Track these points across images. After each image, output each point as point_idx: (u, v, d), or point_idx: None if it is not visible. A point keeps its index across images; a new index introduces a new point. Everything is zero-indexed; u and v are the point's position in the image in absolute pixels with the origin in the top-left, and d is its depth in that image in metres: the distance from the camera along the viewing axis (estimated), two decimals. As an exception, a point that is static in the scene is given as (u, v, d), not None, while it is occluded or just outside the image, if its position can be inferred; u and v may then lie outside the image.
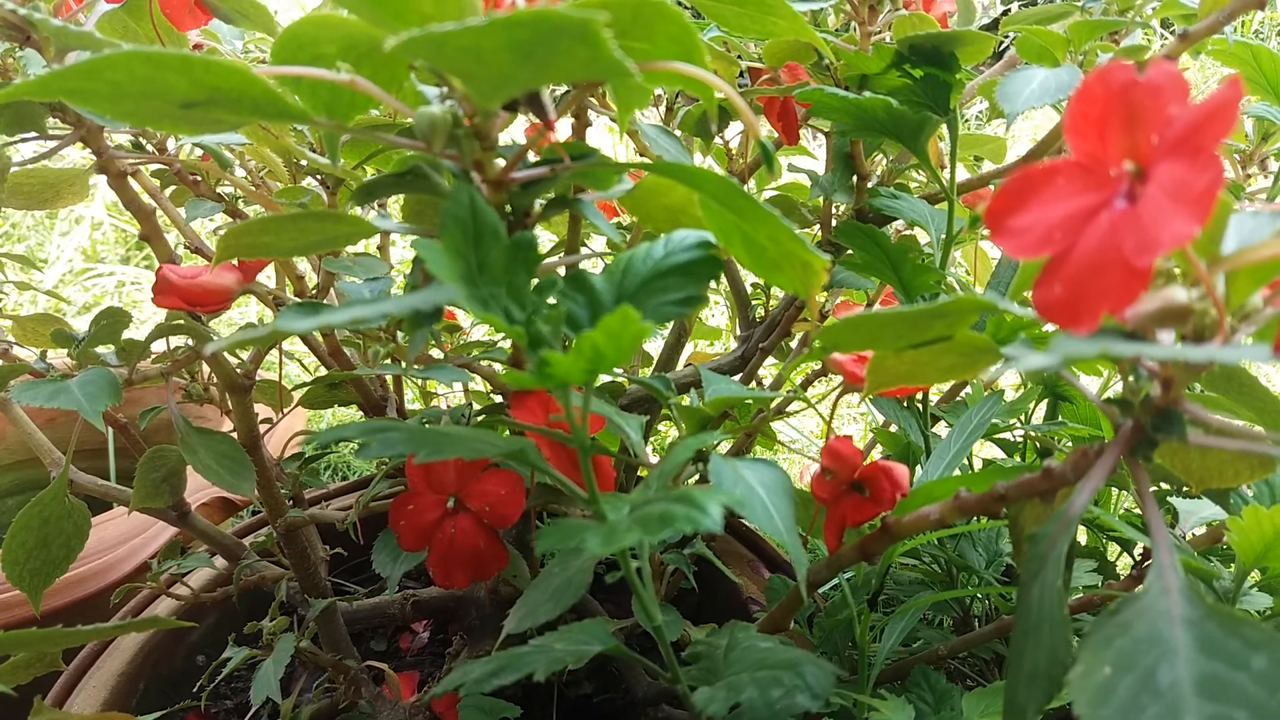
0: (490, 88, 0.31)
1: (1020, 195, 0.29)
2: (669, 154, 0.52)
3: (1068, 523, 0.34)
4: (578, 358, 0.32)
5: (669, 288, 0.39)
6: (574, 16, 0.26)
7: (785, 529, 0.43)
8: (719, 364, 0.81)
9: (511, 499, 0.50)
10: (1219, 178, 0.25)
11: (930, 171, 0.61)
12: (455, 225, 0.34)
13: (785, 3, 0.50)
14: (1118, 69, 0.28)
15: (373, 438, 0.37)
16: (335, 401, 0.80)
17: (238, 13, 0.50)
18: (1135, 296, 0.26)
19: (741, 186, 0.36)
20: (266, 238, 0.42)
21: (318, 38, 0.37)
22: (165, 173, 0.67)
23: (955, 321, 0.38)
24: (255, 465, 0.64)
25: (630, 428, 0.51)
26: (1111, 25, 0.58)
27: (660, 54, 0.35)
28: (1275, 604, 0.54)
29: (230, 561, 0.77)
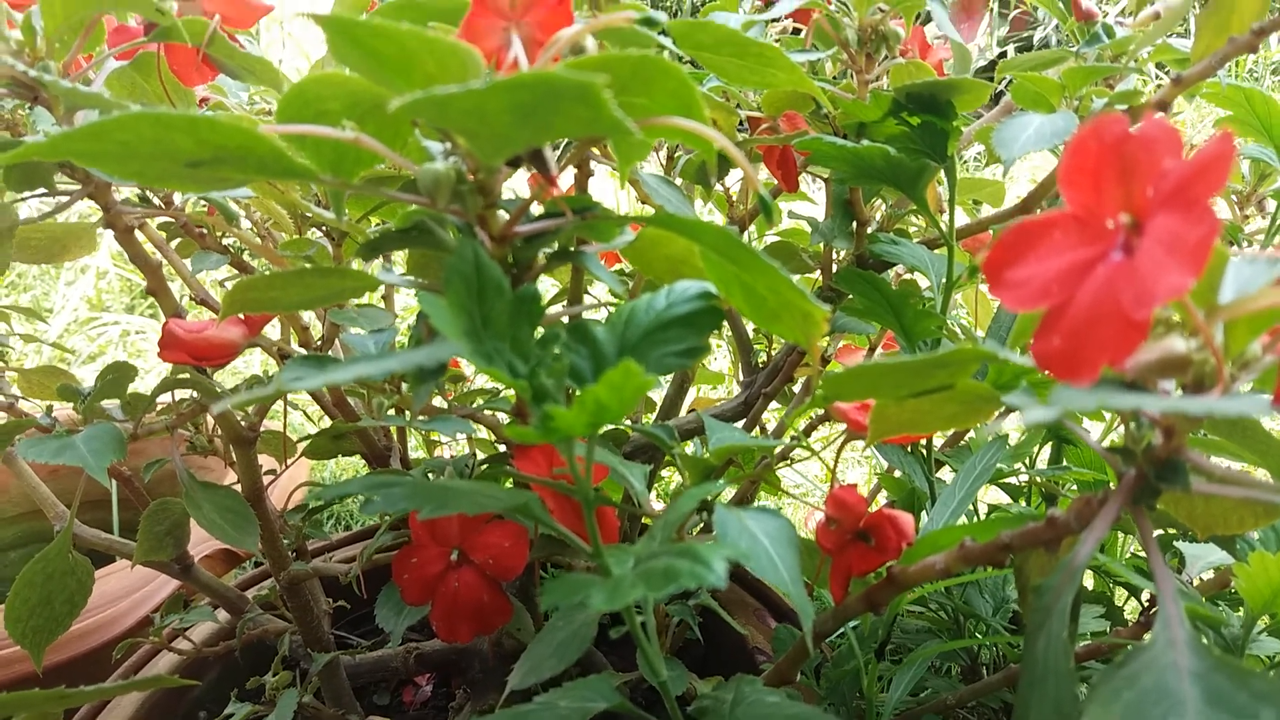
0: (493, 146, 0.31)
1: (1018, 247, 0.29)
2: (670, 204, 0.53)
3: (1072, 574, 0.34)
4: (581, 411, 0.32)
5: (671, 339, 0.39)
6: (575, 79, 0.26)
7: (791, 580, 0.42)
8: (722, 410, 0.81)
9: (515, 551, 0.50)
10: (1214, 231, 0.25)
11: (929, 217, 0.61)
12: (460, 280, 0.35)
13: (784, 54, 0.51)
14: (1111, 123, 0.28)
15: (376, 493, 0.37)
16: (339, 452, 0.80)
17: (245, 69, 0.51)
18: (1134, 348, 0.26)
19: (741, 237, 0.37)
20: (273, 293, 0.42)
21: (323, 95, 0.37)
22: (171, 225, 0.68)
23: (957, 371, 0.38)
24: (259, 518, 0.64)
25: (634, 477, 0.51)
26: (1105, 71, 0.58)
27: (660, 109, 0.36)
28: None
29: (233, 615, 0.77)
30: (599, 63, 0.34)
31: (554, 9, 0.40)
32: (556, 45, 0.37)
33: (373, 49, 0.32)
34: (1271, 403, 0.27)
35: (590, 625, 0.46)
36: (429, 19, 0.49)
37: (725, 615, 0.62)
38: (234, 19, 0.51)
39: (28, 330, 1.83)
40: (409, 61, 0.32)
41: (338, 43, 0.32)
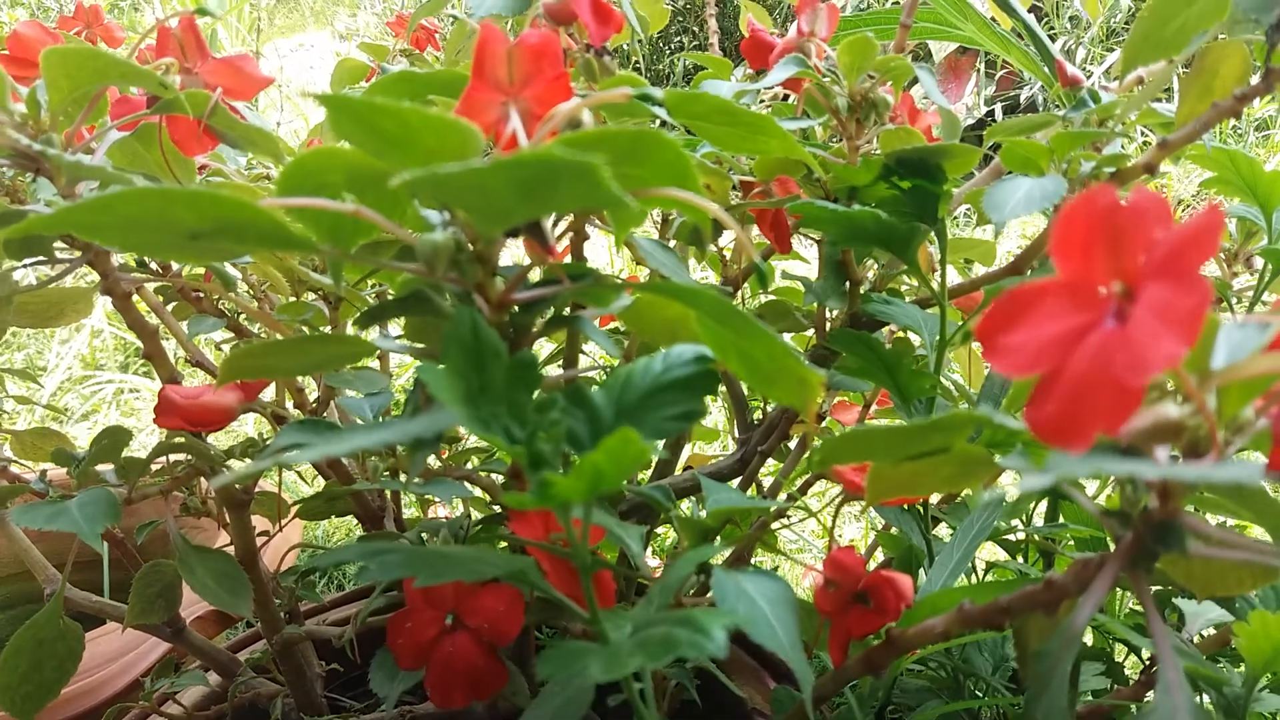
0: (492, 220, 0.32)
1: (1011, 313, 0.30)
2: (665, 267, 0.53)
3: (1070, 640, 0.34)
4: (579, 479, 0.32)
5: (668, 403, 0.40)
6: (575, 160, 0.27)
7: (790, 645, 0.42)
8: (718, 468, 0.81)
9: (511, 615, 0.50)
10: (1206, 300, 0.26)
11: (921, 279, 0.62)
12: (457, 347, 0.35)
13: (774, 122, 0.52)
14: (1101, 193, 0.29)
15: (372, 561, 0.37)
16: (333, 513, 0.79)
17: (245, 139, 0.52)
18: (1128, 416, 0.27)
19: (734, 301, 0.37)
20: (269, 360, 0.42)
21: (323, 167, 0.38)
22: (168, 288, 0.68)
23: (952, 434, 0.38)
24: (252, 581, 0.64)
25: (631, 539, 0.51)
26: (1092, 136, 0.60)
27: (656, 180, 0.37)
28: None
29: (225, 678, 0.76)
30: (597, 137, 0.34)
31: (552, 84, 0.41)
32: (554, 120, 0.38)
33: (374, 125, 0.33)
34: (1266, 468, 0.27)
35: (587, 691, 0.46)
36: (427, 93, 0.50)
37: (724, 678, 0.62)
38: (235, 91, 0.52)
39: (21, 391, 1.83)
40: (410, 138, 0.33)
41: (339, 120, 0.33)
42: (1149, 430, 0.29)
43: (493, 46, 0.40)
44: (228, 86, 0.51)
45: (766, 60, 0.70)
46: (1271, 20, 0.51)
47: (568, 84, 0.40)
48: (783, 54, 0.65)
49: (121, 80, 0.45)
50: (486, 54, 0.40)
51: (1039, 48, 0.80)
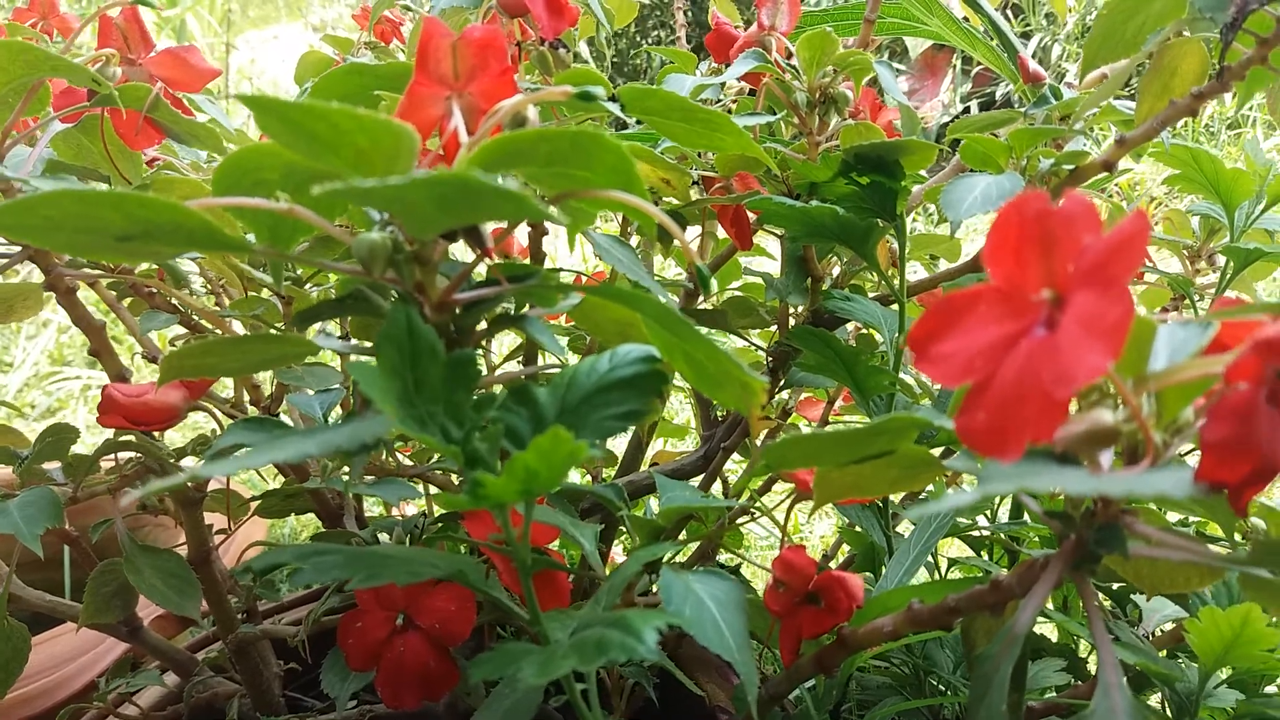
0: (420, 226, 0.31)
1: (943, 321, 0.29)
2: (621, 264, 0.53)
3: (1012, 642, 0.34)
4: (511, 479, 0.31)
5: (613, 402, 0.39)
6: (490, 185, 0.27)
7: (737, 647, 0.42)
8: (681, 465, 0.81)
9: (462, 616, 0.49)
10: (1130, 311, 0.25)
11: (880, 275, 0.62)
12: (391, 345, 0.34)
13: (729, 119, 0.51)
14: (1033, 199, 0.28)
15: (307, 562, 0.36)
16: (292, 510, 0.79)
17: (189, 134, 0.51)
18: (1056, 427, 0.26)
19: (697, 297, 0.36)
20: (210, 359, 0.42)
21: (259, 165, 0.37)
22: (122, 284, 0.67)
23: (895, 437, 0.38)
24: (206, 580, 0.63)
25: (585, 538, 0.51)
26: (1051, 134, 0.59)
27: (599, 181, 0.36)
28: (1239, 705, 0.53)
29: (182, 678, 0.75)
30: (535, 137, 0.34)
31: (497, 79, 0.40)
32: (497, 116, 0.37)
33: (303, 127, 0.32)
34: (1194, 477, 0.27)
35: (536, 691, 0.45)
36: (377, 86, 0.50)
37: (681, 676, 0.61)
38: (179, 83, 0.51)
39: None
40: (340, 139, 0.32)
41: (268, 121, 0.32)
42: (1083, 436, 0.29)
43: (436, 40, 0.39)
44: (172, 78, 0.50)
45: (730, 54, 0.70)
46: (1226, 19, 0.51)
47: (513, 80, 0.40)
48: (743, 48, 0.65)
49: (53, 73, 0.44)
50: (430, 48, 0.39)
51: (1004, 43, 0.80)
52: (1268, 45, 0.54)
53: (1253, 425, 0.26)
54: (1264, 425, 0.26)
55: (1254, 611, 0.48)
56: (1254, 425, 0.26)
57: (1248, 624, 0.49)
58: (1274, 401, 0.27)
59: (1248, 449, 0.26)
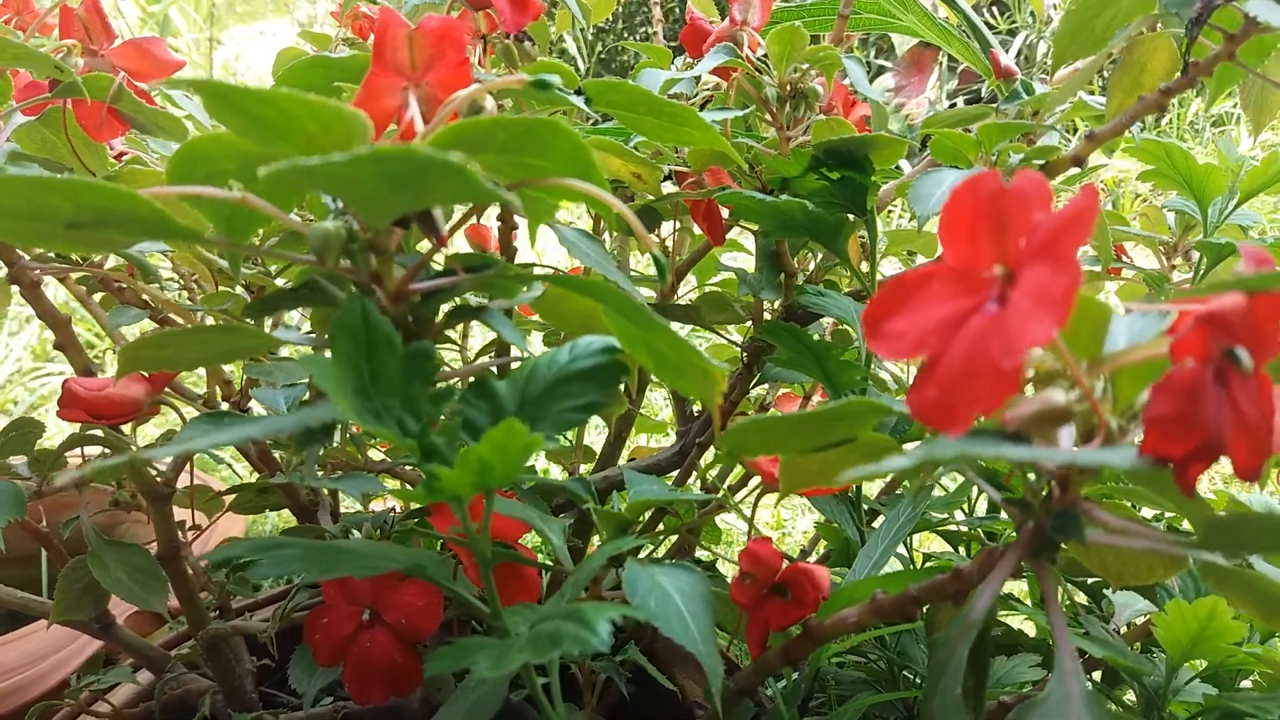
0: (371, 211, 0.31)
1: (897, 299, 0.29)
2: (589, 258, 0.52)
3: (968, 629, 0.34)
4: (465, 471, 0.31)
5: (573, 394, 0.39)
6: (438, 157, 0.26)
7: (701, 639, 0.42)
8: (658, 459, 0.81)
9: (429, 611, 0.49)
10: (1077, 281, 0.25)
11: (851, 270, 0.62)
12: (346, 337, 0.34)
13: (696, 114, 0.51)
14: (987, 178, 0.28)
15: (263, 555, 0.36)
16: (266, 506, 0.78)
17: (154, 124, 0.51)
18: (1004, 399, 0.26)
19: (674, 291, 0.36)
20: (167, 351, 0.41)
21: (214, 154, 0.37)
22: (91, 278, 0.67)
23: (856, 423, 0.38)
24: (175, 576, 0.63)
25: (553, 533, 0.51)
26: (1020, 128, 0.60)
27: (558, 170, 0.36)
28: (1208, 699, 0.53)
29: (155, 675, 0.75)
30: (490, 125, 0.34)
31: (454, 69, 0.40)
32: (452, 105, 0.37)
33: (253, 114, 0.32)
34: (1139, 452, 0.27)
35: (501, 685, 0.45)
36: (339, 77, 0.49)
37: (653, 670, 0.61)
38: (142, 73, 0.50)
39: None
40: (290, 126, 0.32)
41: (217, 108, 0.32)
42: (1034, 415, 0.29)
43: (392, 31, 0.39)
44: (135, 69, 0.50)
45: (703, 49, 0.70)
46: (1191, 15, 0.51)
47: (469, 70, 0.40)
48: (715, 43, 0.65)
49: (14, 62, 0.44)
50: (386, 38, 0.39)
51: (978, 39, 0.80)
52: (1235, 41, 0.55)
53: (1198, 402, 0.26)
54: (1209, 402, 0.26)
55: (1219, 605, 0.48)
56: (1199, 402, 0.26)
57: (1214, 617, 0.49)
58: (1221, 380, 0.27)
59: (1192, 425, 0.26)
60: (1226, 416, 0.27)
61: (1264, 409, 0.28)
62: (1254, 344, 0.27)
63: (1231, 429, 0.27)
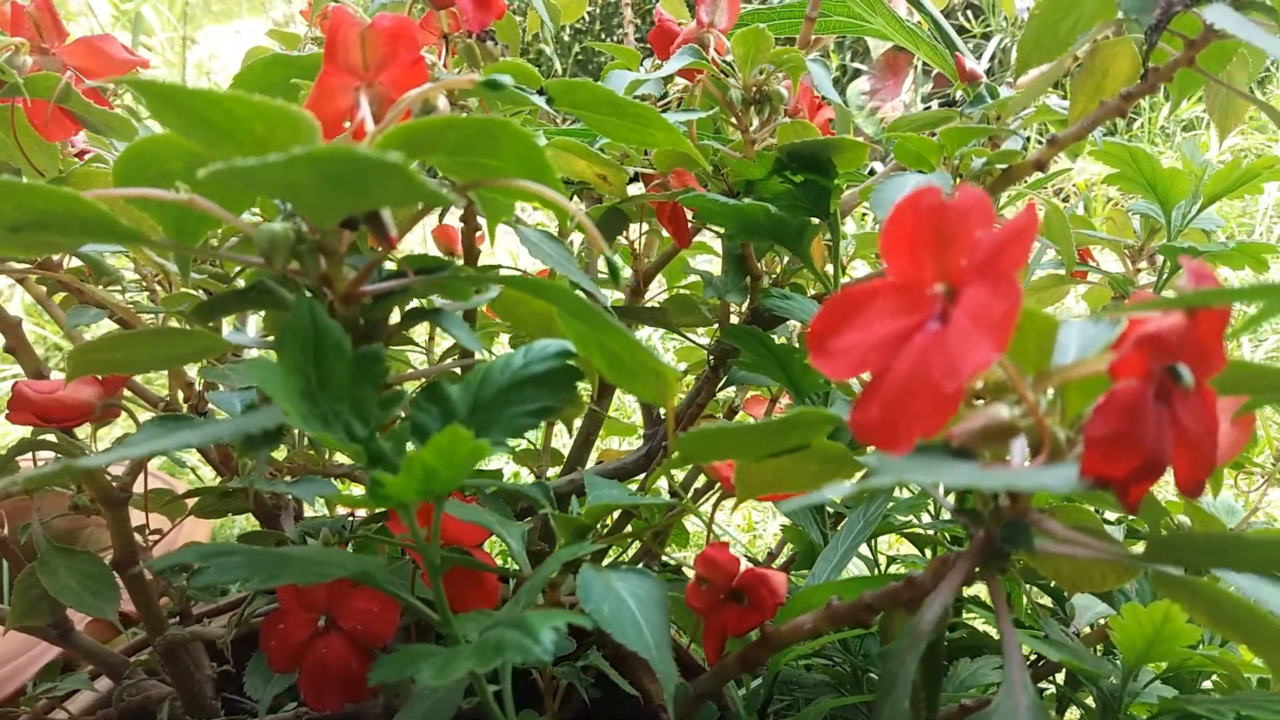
0: (315, 213, 0.31)
1: (841, 315, 0.29)
2: (550, 259, 0.52)
3: (917, 639, 0.33)
4: (409, 478, 0.31)
5: (526, 398, 0.39)
6: (374, 156, 0.26)
7: (655, 645, 0.42)
8: (624, 463, 0.80)
9: (384, 617, 0.49)
10: (1016, 305, 0.25)
11: (815, 273, 0.62)
12: (294, 340, 0.34)
13: (659, 115, 0.51)
14: (927, 192, 0.28)
15: (209, 562, 0.35)
16: (228, 510, 0.78)
17: (105, 124, 0.50)
18: (946, 420, 0.26)
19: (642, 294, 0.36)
20: (117, 354, 0.41)
21: (162, 156, 0.36)
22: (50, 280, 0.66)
23: (809, 431, 0.37)
24: (132, 582, 0.62)
25: (512, 537, 0.50)
26: (982, 132, 0.60)
27: (511, 171, 0.36)
28: (1162, 702, 0.53)
29: (114, 681, 0.74)
30: (441, 124, 0.33)
31: (408, 69, 0.40)
32: (404, 105, 0.37)
33: (198, 115, 0.31)
34: (1080, 473, 0.27)
35: (456, 692, 0.45)
36: (298, 75, 0.49)
37: (615, 675, 0.61)
38: (94, 72, 0.50)
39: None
40: (237, 127, 0.31)
41: (161, 109, 0.31)
42: (979, 431, 0.29)
43: (345, 30, 0.39)
44: (87, 68, 0.49)
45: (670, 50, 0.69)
46: (1151, 21, 0.51)
47: (424, 69, 0.39)
48: (682, 44, 0.65)
49: (-42, 61, 0.43)
50: (338, 38, 0.39)
51: (946, 43, 0.80)
52: (1195, 47, 0.55)
53: (1138, 421, 0.26)
54: (1150, 421, 0.26)
55: (1174, 609, 0.49)
56: (1140, 421, 0.26)
57: (1168, 621, 0.49)
58: (1162, 396, 0.27)
59: (1132, 445, 0.26)
60: (1168, 433, 0.27)
61: (1206, 424, 0.28)
62: (1196, 359, 0.27)
63: (1173, 445, 0.27)
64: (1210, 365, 0.27)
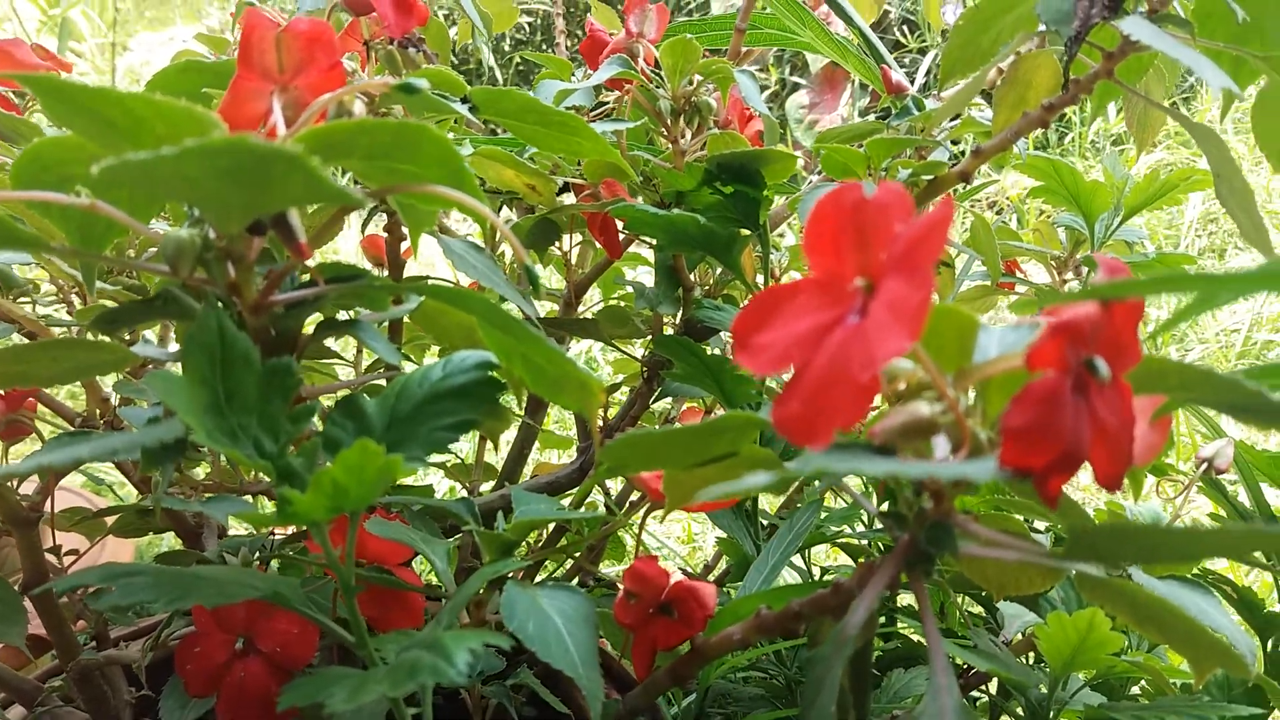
0: (217, 214, 0.30)
1: (765, 312, 0.29)
2: (475, 270, 0.51)
3: (842, 644, 0.33)
4: (318, 495, 0.30)
5: (445, 411, 0.38)
6: (275, 148, 0.25)
7: (582, 663, 0.41)
8: (557, 477, 0.79)
9: (304, 638, 0.47)
10: (929, 294, 0.25)
11: (745, 283, 0.61)
12: (200, 352, 0.33)
13: (586, 124, 0.51)
14: (849, 189, 0.28)
15: (113, 583, 0.34)
16: (149, 529, 0.75)
17: (13, 131, 0.48)
18: (863, 412, 0.26)
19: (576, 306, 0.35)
20: (20, 366, 0.39)
21: (63, 159, 0.35)
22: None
23: (737, 437, 0.37)
24: (43, 605, 0.60)
25: (437, 555, 0.49)
26: (907, 143, 0.60)
27: (429, 177, 0.35)
28: (1088, 710, 0.54)
29: (27, 708, 0.71)
30: (356, 127, 0.33)
31: (325, 73, 0.39)
32: (318, 108, 0.36)
33: (97, 114, 0.30)
34: (999, 465, 0.27)
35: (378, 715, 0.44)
36: (211, 82, 0.48)
37: (545, 693, 0.60)
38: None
39: None
40: (137, 127, 0.30)
41: (57, 109, 0.30)
42: (899, 428, 0.29)
43: (259, 33, 0.38)
44: (-13, 73, 0.47)
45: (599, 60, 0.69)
46: (1070, 33, 0.52)
47: (342, 74, 0.38)
48: (611, 54, 0.64)
49: None
50: (253, 40, 0.38)
51: (875, 56, 0.81)
52: (1113, 59, 0.56)
53: (1056, 412, 0.26)
54: (1068, 412, 0.26)
55: (1098, 616, 0.49)
56: (1057, 412, 0.26)
57: (1093, 628, 0.50)
58: (1079, 389, 0.27)
59: (1050, 436, 0.26)
60: (1086, 426, 0.27)
61: (1123, 418, 0.28)
62: (1112, 353, 0.27)
63: (1091, 438, 0.27)
64: (1126, 359, 0.27)
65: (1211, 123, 2.95)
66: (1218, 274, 0.24)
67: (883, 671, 0.75)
